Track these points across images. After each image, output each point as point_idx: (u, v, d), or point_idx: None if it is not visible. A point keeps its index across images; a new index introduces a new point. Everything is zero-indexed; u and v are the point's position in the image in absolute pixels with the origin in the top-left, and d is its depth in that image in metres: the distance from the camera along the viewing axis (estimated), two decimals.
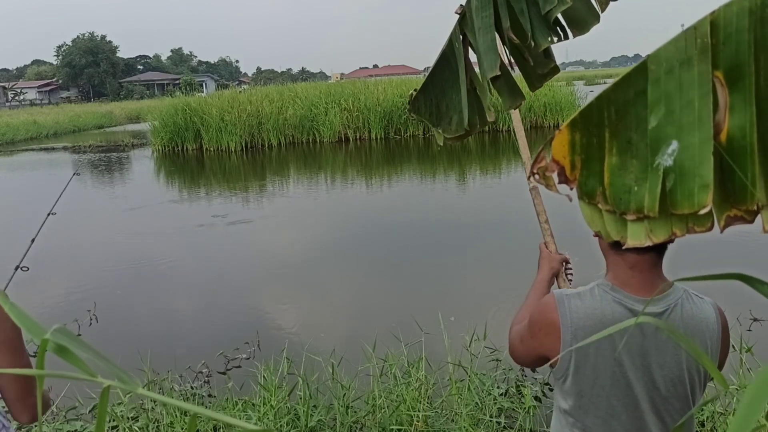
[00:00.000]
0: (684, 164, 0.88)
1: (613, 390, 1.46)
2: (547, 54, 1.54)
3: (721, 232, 0.91)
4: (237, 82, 67.24)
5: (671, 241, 1.12)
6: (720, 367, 1.50)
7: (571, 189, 0.98)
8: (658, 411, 1.45)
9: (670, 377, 1.43)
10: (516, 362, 1.71)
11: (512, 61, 1.58)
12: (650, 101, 0.91)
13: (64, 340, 0.40)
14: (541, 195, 1.98)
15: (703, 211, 0.87)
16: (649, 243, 0.94)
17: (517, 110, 2.02)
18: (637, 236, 0.94)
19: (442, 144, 1.85)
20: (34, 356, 0.52)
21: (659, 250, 1.41)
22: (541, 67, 1.56)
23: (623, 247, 0.99)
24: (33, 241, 3.09)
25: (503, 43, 1.53)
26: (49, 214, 3.30)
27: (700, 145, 0.87)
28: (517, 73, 1.64)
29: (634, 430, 1.48)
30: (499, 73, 1.51)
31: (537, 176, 0.98)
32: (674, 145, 0.88)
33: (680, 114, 0.88)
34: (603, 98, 0.95)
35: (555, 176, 0.97)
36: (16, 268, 2.77)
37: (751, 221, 0.88)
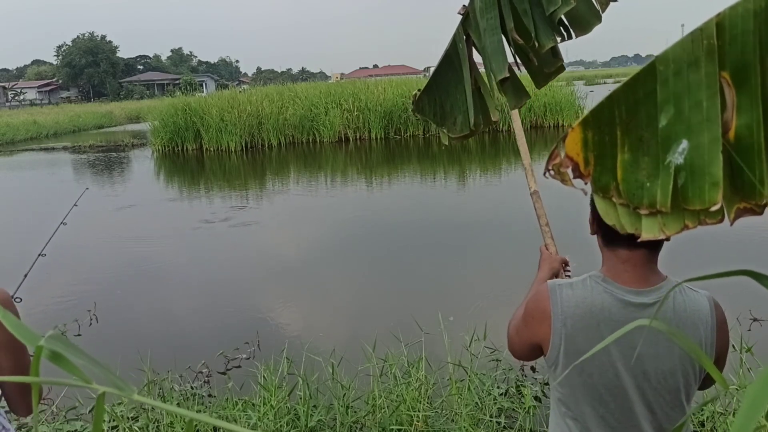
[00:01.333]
0: (694, 163, 0.91)
1: (601, 379, 1.47)
2: (555, 53, 1.55)
3: (731, 224, 0.93)
4: (237, 82, 67.29)
5: (667, 239, 1.13)
6: (720, 362, 1.49)
7: (586, 184, 1.01)
8: (648, 402, 1.46)
9: (662, 369, 1.43)
10: (514, 356, 1.73)
11: (518, 61, 1.59)
12: (660, 101, 0.93)
13: (59, 346, 0.39)
14: (541, 199, 2.00)
15: (714, 208, 0.90)
16: (662, 236, 0.97)
17: (519, 117, 2.04)
18: (650, 230, 0.97)
19: (447, 143, 1.86)
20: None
21: (651, 246, 1.43)
22: (547, 66, 1.57)
23: (638, 241, 1.01)
24: (26, 276, 3.08)
25: (508, 43, 1.54)
26: (39, 255, 3.32)
27: (710, 144, 0.89)
28: (522, 73, 1.65)
29: (624, 420, 1.48)
30: (508, 75, 1.51)
31: (552, 172, 1.00)
32: (684, 144, 0.91)
33: (689, 114, 0.91)
34: (613, 98, 0.98)
35: (569, 172, 0.99)
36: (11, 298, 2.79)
37: (761, 213, 0.91)
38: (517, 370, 4.24)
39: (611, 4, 1.50)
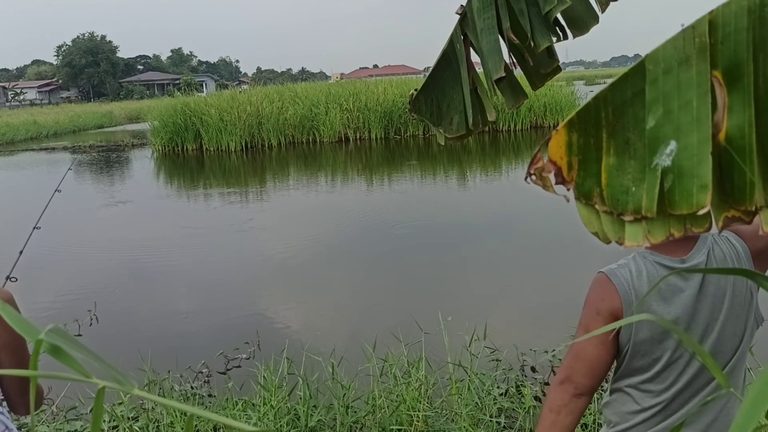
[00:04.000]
0: (682, 164, 0.89)
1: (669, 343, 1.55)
2: (551, 53, 1.55)
3: (720, 232, 0.91)
4: (237, 82, 67.20)
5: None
6: None
7: (568, 190, 0.99)
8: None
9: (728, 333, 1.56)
10: (578, 378, 1.59)
11: (514, 61, 1.59)
12: (648, 101, 0.91)
13: (59, 340, 0.40)
14: None
15: (701, 212, 0.88)
16: (646, 244, 0.94)
17: None
18: (634, 237, 0.94)
19: (443, 143, 1.86)
20: None
21: None
22: (543, 67, 1.57)
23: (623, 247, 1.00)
24: (21, 253, 3.08)
25: (505, 43, 1.54)
26: (34, 228, 3.30)
27: (699, 146, 0.87)
28: (519, 73, 1.65)
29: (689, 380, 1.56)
30: (503, 74, 1.51)
31: (534, 177, 0.98)
32: (672, 145, 0.89)
33: (678, 114, 0.89)
34: (600, 98, 0.95)
35: (552, 177, 0.97)
36: (6, 278, 2.78)
37: (749, 222, 0.89)
38: (517, 370, 4.24)
39: (612, 3, 1.49)
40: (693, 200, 0.87)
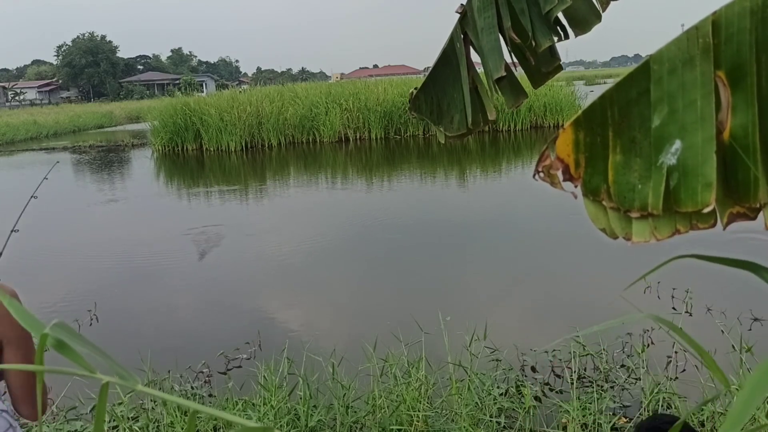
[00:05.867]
0: (687, 163, 0.90)
1: None
2: (553, 52, 1.55)
3: (724, 228, 0.92)
4: (237, 82, 67.27)
5: None
6: None
7: (576, 187, 0.99)
8: None
9: None
10: None
11: (515, 60, 1.59)
12: (653, 101, 0.92)
13: (64, 335, 0.40)
14: None
15: (706, 210, 0.89)
16: (653, 240, 0.95)
17: None
18: (641, 234, 0.95)
19: (443, 141, 1.86)
20: None
21: None
22: (545, 66, 1.57)
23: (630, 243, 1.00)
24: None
25: (505, 42, 1.54)
26: (12, 231, 3.25)
27: (703, 145, 0.88)
28: (519, 72, 1.65)
29: None
30: (504, 74, 1.51)
31: (542, 174, 0.99)
32: (677, 144, 0.90)
33: (683, 113, 0.90)
34: (606, 98, 0.96)
35: (560, 174, 0.98)
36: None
37: (754, 218, 0.90)
38: (518, 370, 4.24)
39: (612, 3, 1.49)
40: (698, 198, 0.88)
